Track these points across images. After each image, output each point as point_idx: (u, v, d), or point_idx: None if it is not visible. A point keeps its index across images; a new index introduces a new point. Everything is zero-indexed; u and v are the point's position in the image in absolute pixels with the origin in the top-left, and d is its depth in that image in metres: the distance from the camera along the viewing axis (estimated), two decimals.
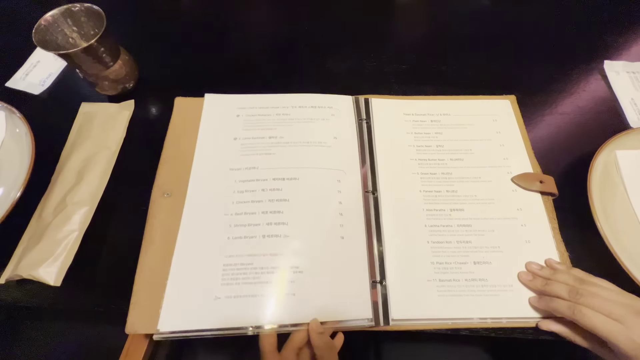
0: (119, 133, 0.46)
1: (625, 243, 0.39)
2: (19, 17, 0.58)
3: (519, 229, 0.40)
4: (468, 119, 0.48)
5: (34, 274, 0.36)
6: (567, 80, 0.52)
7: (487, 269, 0.38)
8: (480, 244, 0.39)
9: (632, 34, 0.57)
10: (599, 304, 0.31)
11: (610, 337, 0.30)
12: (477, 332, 0.36)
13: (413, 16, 0.61)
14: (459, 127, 0.47)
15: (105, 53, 0.43)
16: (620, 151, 0.44)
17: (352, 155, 0.44)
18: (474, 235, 0.40)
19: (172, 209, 0.41)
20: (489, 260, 0.38)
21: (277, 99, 0.48)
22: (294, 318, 0.35)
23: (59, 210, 0.40)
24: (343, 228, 0.39)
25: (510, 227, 0.40)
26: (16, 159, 0.43)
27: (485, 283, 0.37)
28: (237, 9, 0.61)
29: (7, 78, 0.51)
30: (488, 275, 0.38)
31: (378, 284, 0.37)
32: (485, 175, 0.44)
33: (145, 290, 0.37)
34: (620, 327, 0.30)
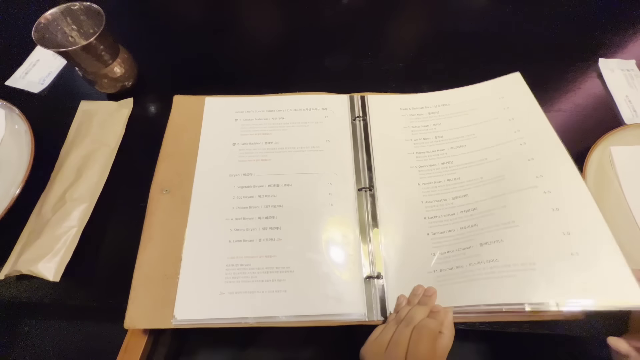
0: (118, 131, 0.46)
1: (619, 236, 0.39)
2: (18, 16, 0.59)
3: (540, 197, 0.36)
4: (470, 105, 0.47)
5: (34, 269, 0.36)
6: (562, 77, 0.53)
7: (498, 248, 0.35)
8: (488, 224, 0.37)
9: (626, 33, 0.57)
10: None
11: None
12: (474, 327, 0.37)
13: (410, 15, 0.62)
14: (459, 115, 0.47)
15: (105, 51, 0.43)
16: (615, 147, 0.44)
17: (345, 156, 0.44)
18: (481, 217, 0.38)
19: (171, 205, 0.41)
20: (500, 239, 0.35)
21: (273, 101, 0.48)
22: (289, 312, 0.35)
23: (59, 207, 0.40)
24: (335, 227, 0.40)
25: (528, 198, 0.37)
26: (15, 157, 0.44)
27: (495, 264, 0.34)
28: (235, 9, 0.61)
29: (7, 77, 0.51)
30: (499, 255, 0.34)
31: (375, 279, 0.37)
32: (491, 155, 0.43)
33: (144, 285, 0.37)
34: None
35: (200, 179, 0.43)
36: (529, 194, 0.38)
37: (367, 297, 0.36)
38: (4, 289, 0.38)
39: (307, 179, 0.42)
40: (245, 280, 0.37)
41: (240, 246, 0.39)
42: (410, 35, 0.59)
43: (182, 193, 0.42)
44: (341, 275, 0.37)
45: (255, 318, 0.35)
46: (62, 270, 0.37)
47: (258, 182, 0.42)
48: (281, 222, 0.40)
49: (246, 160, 0.44)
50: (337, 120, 0.47)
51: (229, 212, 0.40)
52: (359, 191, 0.42)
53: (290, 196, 0.41)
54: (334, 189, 0.42)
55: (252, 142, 0.45)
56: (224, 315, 0.36)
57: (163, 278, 0.38)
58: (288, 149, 0.44)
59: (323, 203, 0.41)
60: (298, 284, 0.37)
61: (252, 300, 0.36)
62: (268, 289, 0.37)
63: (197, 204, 0.41)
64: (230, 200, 0.41)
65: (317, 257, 0.38)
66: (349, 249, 0.39)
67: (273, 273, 0.37)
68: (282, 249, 0.38)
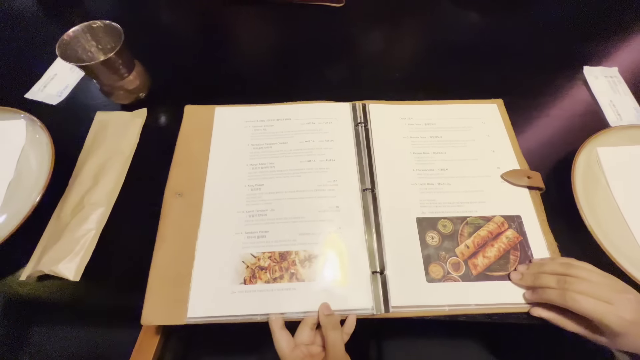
0: (133, 139, 0.49)
1: (608, 231, 0.41)
2: (35, 34, 0.62)
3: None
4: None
5: (55, 269, 0.38)
6: (550, 85, 0.56)
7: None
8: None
9: (608, 42, 0.61)
10: (587, 289, 0.33)
11: (602, 318, 0.32)
12: (474, 318, 0.39)
13: (405, 29, 0.66)
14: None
15: (122, 65, 0.46)
16: (602, 148, 0.47)
17: (349, 159, 0.47)
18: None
19: (183, 208, 0.43)
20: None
21: (280, 110, 0.51)
22: (298, 308, 0.37)
23: (77, 211, 0.43)
24: (341, 227, 0.42)
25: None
26: (35, 165, 0.46)
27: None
28: (241, 24, 0.65)
29: (26, 90, 0.54)
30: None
31: (378, 274, 0.39)
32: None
33: (159, 284, 0.39)
34: (609, 308, 0.32)
35: (211, 183, 0.45)
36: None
37: (374, 292, 0.38)
38: (26, 290, 0.40)
39: (315, 181, 0.45)
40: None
41: (249, 249, 0.41)
42: (405, 47, 0.63)
43: (194, 197, 0.44)
44: (348, 272, 0.39)
45: (265, 315, 0.37)
46: (81, 270, 0.39)
47: (267, 185, 0.45)
48: (290, 223, 0.42)
49: (256, 164, 0.46)
50: (341, 126, 0.49)
51: (239, 214, 0.43)
52: (363, 192, 0.44)
53: (298, 198, 0.44)
54: (339, 190, 0.44)
55: (261, 147, 0.48)
56: (235, 312, 0.37)
57: (177, 277, 0.39)
58: (295, 152, 0.47)
59: (330, 204, 0.43)
60: (307, 281, 0.39)
61: (262, 298, 0.38)
62: (278, 287, 0.38)
63: (209, 207, 0.43)
64: (240, 203, 0.43)
65: (325, 255, 0.40)
66: (356, 246, 0.41)
67: (282, 271, 0.39)
68: (291, 248, 0.40)
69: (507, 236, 0.42)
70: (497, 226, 0.43)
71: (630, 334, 0.31)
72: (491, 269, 0.40)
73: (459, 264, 0.41)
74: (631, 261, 0.39)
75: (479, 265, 0.41)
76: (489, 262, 0.41)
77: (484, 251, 0.41)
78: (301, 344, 0.35)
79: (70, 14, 0.65)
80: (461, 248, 0.42)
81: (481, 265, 0.41)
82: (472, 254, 0.41)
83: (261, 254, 0.40)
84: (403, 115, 0.52)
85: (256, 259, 0.40)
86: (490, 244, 0.42)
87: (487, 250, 0.42)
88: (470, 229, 0.43)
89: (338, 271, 0.39)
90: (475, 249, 0.42)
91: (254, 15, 0.66)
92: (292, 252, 0.40)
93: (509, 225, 0.43)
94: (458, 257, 0.41)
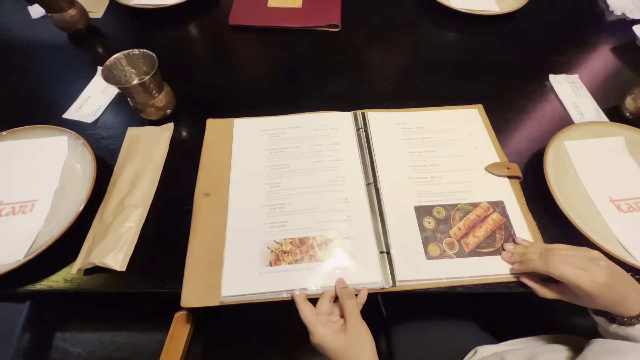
0: (163, 149, 0.56)
1: (578, 209, 0.48)
2: (68, 62, 0.69)
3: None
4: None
5: (104, 261, 0.44)
6: (522, 91, 0.65)
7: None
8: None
9: (569, 54, 0.70)
10: (565, 258, 0.39)
11: (578, 282, 0.37)
12: (470, 289, 0.45)
13: (395, 47, 0.75)
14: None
15: (154, 86, 0.53)
16: (568, 141, 0.55)
17: (353, 158, 0.54)
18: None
19: (211, 206, 0.50)
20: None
21: (291, 119, 0.58)
22: (318, 285, 0.43)
23: (119, 212, 0.49)
24: (350, 215, 0.48)
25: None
26: (79, 174, 0.52)
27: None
28: (253, 47, 0.74)
29: (64, 111, 0.61)
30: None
31: (385, 254, 0.46)
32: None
33: (194, 272, 0.45)
34: (584, 273, 0.37)
35: (235, 183, 0.51)
36: None
37: (382, 269, 0.44)
38: (77, 282, 0.45)
39: (325, 178, 0.52)
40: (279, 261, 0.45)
41: (272, 237, 0.47)
42: (396, 63, 0.72)
43: (220, 196, 0.51)
44: (359, 253, 0.45)
45: (290, 291, 0.43)
46: (126, 262, 0.45)
47: (284, 182, 0.51)
48: (306, 213, 0.48)
49: (273, 165, 0.53)
50: (345, 131, 0.57)
51: (261, 208, 0.49)
52: (368, 185, 0.51)
53: (312, 192, 0.50)
54: (347, 184, 0.51)
55: (276, 151, 0.55)
56: (263, 290, 0.43)
57: (209, 265, 0.45)
58: (307, 154, 0.54)
59: (339, 196, 0.50)
60: (324, 261, 0.45)
61: (286, 277, 0.44)
62: (299, 267, 0.44)
63: (234, 204, 0.50)
64: (262, 199, 0.50)
65: (338, 239, 0.46)
66: (364, 231, 0.47)
67: (302, 254, 0.45)
68: (309, 234, 0.47)
69: (493, 219, 0.49)
70: (484, 210, 0.50)
71: (602, 295, 0.37)
72: (481, 246, 0.47)
73: (453, 243, 0.47)
74: (598, 234, 0.46)
75: (470, 243, 0.47)
76: (478, 241, 0.47)
77: (473, 232, 0.48)
78: (322, 313, 0.40)
79: (95, 44, 0.73)
80: (454, 230, 0.48)
81: (472, 243, 0.47)
82: (463, 235, 0.48)
83: (283, 240, 0.46)
84: (397, 120, 0.59)
85: (279, 245, 0.46)
86: (479, 225, 0.49)
87: (477, 230, 0.48)
88: (461, 214, 0.49)
89: (350, 252, 0.45)
90: (466, 230, 0.48)
91: (262, 39, 0.75)
92: (310, 237, 0.46)
93: (493, 209, 0.50)
94: (452, 237, 0.48)
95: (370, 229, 0.47)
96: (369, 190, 0.51)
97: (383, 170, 0.53)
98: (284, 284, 0.43)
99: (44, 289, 0.45)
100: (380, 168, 0.53)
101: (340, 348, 0.38)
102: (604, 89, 0.65)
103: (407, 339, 0.57)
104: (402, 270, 0.45)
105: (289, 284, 0.43)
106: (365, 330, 0.39)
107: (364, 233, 0.47)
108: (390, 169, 0.53)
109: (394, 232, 0.47)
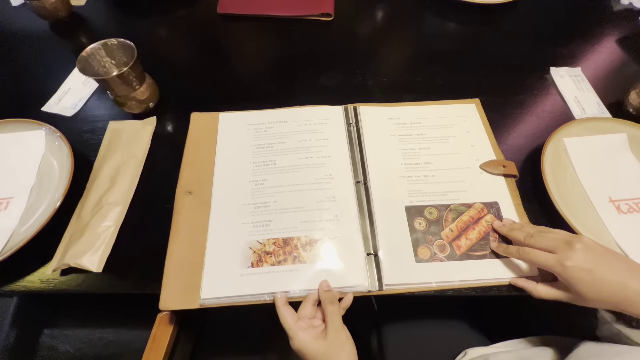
0: (144, 144, 0.53)
1: (576, 211, 0.46)
2: (49, 52, 0.67)
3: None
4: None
5: (79, 262, 0.42)
6: (522, 84, 0.62)
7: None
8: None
9: (572, 46, 0.67)
10: (540, 242, 0.38)
11: (546, 264, 0.36)
12: (460, 292, 0.43)
13: (391, 37, 0.72)
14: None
15: (134, 78, 0.51)
16: (567, 138, 0.53)
17: (343, 155, 0.52)
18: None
19: (194, 205, 0.48)
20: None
21: (278, 114, 0.56)
22: (302, 287, 0.42)
23: (97, 210, 0.47)
24: (337, 215, 0.46)
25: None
26: (57, 171, 0.50)
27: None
28: (241, 37, 0.71)
29: (43, 104, 0.58)
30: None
31: (372, 256, 0.44)
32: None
33: (174, 273, 0.43)
34: (551, 256, 0.36)
35: (218, 180, 0.49)
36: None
37: (369, 271, 0.43)
38: (53, 283, 0.43)
39: (312, 175, 0.49)
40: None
41: (255, 237, 0.45)
42: (390, 54, 0.69)
43: (203, 194, 0.49)
44: (345, 254, 0.44)
45: (271, 294, 0.41)
46: (103, 263, 0.43)
47: (270, 180, 0.49)
48: (291, 212, 0.46)
49: (258, 162, 0.51)
50: (335, 126, 0.55)
51: (245, 207, 0.47)
52: (357, 183, 0.49)
53: (298, 190, 0.48)
54: (335, 182, 0.49)
55: (263, 147, 0.52)
56: (244, 292, 0.41)
57: (190, 265, 0.43)
58: (294, 150, 0.52)
59: (327, 195, 0.48)
60: (308, 263, 0.43)
61: (268, 279, 0.42)
62: (282, 269, 0.43)
63: (217, 202, 0.48)
64: (246, 197, 0.48)
65: (324, 240, 0.44)
66: (351, 232, 0.45)
67: (286, 255, 0.44)
68: (293, 234, 0.45)
69: (487, 220, 0.47)
70: (477, 212, 0.48)
71: (579, 281, 0.34)
72: (473, 249, 0.45)
73: (444, 245, 0.45)
74: (596, 235, 0.44)
75: (462, 246, 0.45)
76: (470, 244, 0.45)
77: (466, 234, 0.46)
78: (304, 317, 0.39)
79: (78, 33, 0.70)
80: (446, 232, 0.46)
81: (464, 246, 0.45)
82: (455, 237, 0.46)
83: (266, 240, 0.44)
84: (390, 115, 0.57)
85: (262, 245, 0.44)
86: (472, 227, 0.47)
87: (469, 233, 0.46)
88: (453, 215, 0.47)
89: (336, 253, 0.44)
90: (458, 232, 0.46)
91: (252, 28, 0.72)
92: (294, 237, 0.44)
93: (487, 210, 0.48)
94: (443, 239, 0.46)
95: (357, 230, 0.45)
96: (358, 188, 0.49)
97: (374, 167, 0.51)
98: (266, 287, 0.41)
99: (19, 290, 0.43)
100: (370, 165, 0.51)
101: (319, 354, 0.36)
102: (608, 82, 0.62)
103: (398, 336, 0.56)
104: (389, 274, 0.43)
105: (271, 287, 0.41)
106: (346, 337, 0.37)
107: (350, 234, 0.45)
108: (381, 166, 0.51)
109: (382, 233, 0.46)
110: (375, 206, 0.47)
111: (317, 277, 0.42)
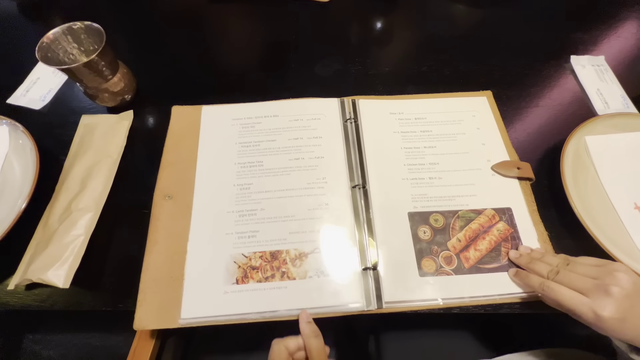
0: (120, 142, 0.48)
1: (598, 219, 0.42)
2: (16, 38, 0.61)
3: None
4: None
5: (44, 277, 0.38)
6: (538, 75, 0.56)
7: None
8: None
9: (595, 31, 0.61)
10: (569, 280, 0.33)
11: (575, 310, 0.31)
12: (468, 310, 0.39)
13: (394, 22, 0.65)
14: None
15: (105, 67, 0.45)
16: (589, 137, 0.48)
17: (337, 156, 0.47)
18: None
19: (173, 210, 0.43)
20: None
21: (266, 107, 0.50)
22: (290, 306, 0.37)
23: (65, 217, 0.42)
24: (331, 224, 0.42)
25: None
26: (20, 171, 0.45)
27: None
28: (228, 21, 0.64)
29: (8, 95, 0.53)
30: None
31: (370, 270, 0.39)
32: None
33: (151, 287, 0.39)
34: (583, 300, 0.31)
35: (200, 184, 0.45)
36: None
37: (365, 288, 0.38)
38: (15, 299, 0.39)
39: (304, 179, 0.45)
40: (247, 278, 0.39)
41: (240, 250, 0.40)
42: (394, 41, 0.63)
43: (184, 198, 0.44)
44: (339, 269, 0.39)
45: (258, 313, 0.37)
46: (71, 277, 0.38)
47: (256, 184, 0.44)
48: (280, 222, 0.42)
49: (244, 162, 0.46)
50: (329, 122, 0.49)
51: (229, 214, 0.42)
52: (353, 188, 0.44)
53: (287, 196, 0.43)
54: (329, 187, 0.44)
55: (249, 145, 0.47)
56: (228, 312, 0.37)
57: (169, 280, 0.39)
58: (283, 150, 0.47)
59: (319, 201, 0.43)
60: (298, 279, 0.38)
61: (254, 298, 0.38)
62: (269, 286, 0.38)
63: (199, 208, 0.43)
64: (230, 203, 0.43)
65: (315, 253, 0.40)
66: (345, 243, 0.41)
67: (274, 270, 0.39)
68: (282, 247, 0.40)
69: (498, 229, 0.43)
70: (488, 219, 0.43)
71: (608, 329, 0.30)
72: (483, 261, 0.41)
73: (451, 257, 0.41)
74: (621, 248, 0.40)
75: (471, 258, 0.41)
76: (480, 255, 0.41)
77: (475, 244, 0.42)
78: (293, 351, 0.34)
79: (52, 16, 0.64)
80: (453, 242, 0.42)
81: (473, 258, 0.41)
82: (464, 247, 0.41)
83: (252, 254, 0.40)
84: (393, 110, 0.51)
85: (247, 259, 0.39)
86: (482, 236, 0.42)
87: (479, 243, 0.42)
88: (461, 223, 0.43)
89: (328, 269, 0.39)
90: (467, 242, 0.42)
91: (240, 12, 0.65)
92: (282, 251, 0.40)
93: (499, 217, 0.43)
94: (450, 250, 0.41)
95: (353, 241, 0.41)
96: (354, 194, 0.44)
97: (373, 169, 0.46)
98: (252, 306, 0.37)
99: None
100: (370, 167, 0.46)
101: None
102: (634, 73, 0.56)
103: (397, 347, 0.52)
104: (390, 290, 0.38)
105: (257, 306, 0.37)
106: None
107: (345, 246, 0.40)
108: (382, 167, 0.46)
109: (382, 244, 0.41)
110: (374, 213, 0.43)
111: (307, 295, 0.38)
